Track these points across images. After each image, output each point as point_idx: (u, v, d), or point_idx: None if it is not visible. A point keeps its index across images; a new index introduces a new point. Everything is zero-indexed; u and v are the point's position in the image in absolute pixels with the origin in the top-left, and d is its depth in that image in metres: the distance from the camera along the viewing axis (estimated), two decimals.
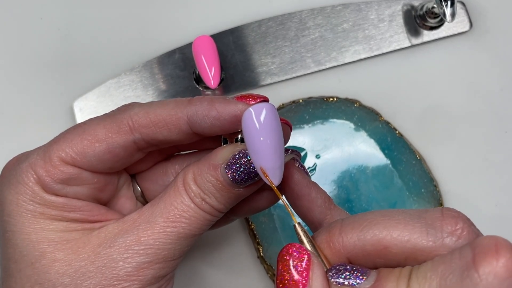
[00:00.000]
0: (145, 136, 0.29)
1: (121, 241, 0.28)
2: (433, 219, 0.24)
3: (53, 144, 0.30)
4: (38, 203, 0.29)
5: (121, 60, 0.46)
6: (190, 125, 0.29)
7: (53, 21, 0.46)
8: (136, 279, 0.28)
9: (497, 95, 0.46)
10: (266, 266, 0.41)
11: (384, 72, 0.46)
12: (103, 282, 0.28)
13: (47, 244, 0.29)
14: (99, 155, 0.29)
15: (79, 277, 0.28)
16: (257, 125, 0.26)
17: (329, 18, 0.46)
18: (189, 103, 0.29)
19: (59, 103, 0.45)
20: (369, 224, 0.24)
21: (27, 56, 0.46)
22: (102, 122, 0.30)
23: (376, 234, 0.24)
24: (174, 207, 0.29)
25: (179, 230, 0.29)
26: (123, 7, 0.47)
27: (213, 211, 0.29)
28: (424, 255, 0.23)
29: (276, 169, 0.27)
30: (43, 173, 0.29)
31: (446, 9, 0.42)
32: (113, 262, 0.28)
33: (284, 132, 0.30)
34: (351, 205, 0.41)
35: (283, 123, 0.30)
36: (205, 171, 0.29)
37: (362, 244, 0.24)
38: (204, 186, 0.29)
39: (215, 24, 0.46)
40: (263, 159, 0.27)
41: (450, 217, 0.24)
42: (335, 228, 0.25)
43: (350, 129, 0.43)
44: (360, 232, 0.24)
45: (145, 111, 0.29)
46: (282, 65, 0.46)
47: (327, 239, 0.25)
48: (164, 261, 0.29)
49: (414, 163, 0.43)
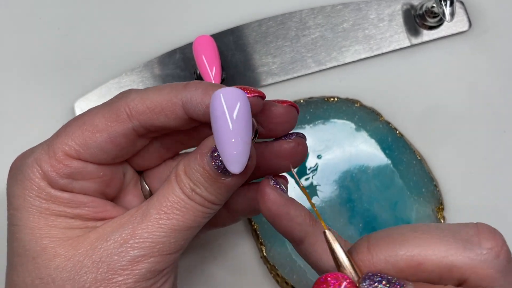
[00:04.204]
0: (143, 122, 0.29)
1: (117, 235, 0.28)
2: (470, 234, 0.23)
3: (56, 138, 0.30)
4: (43, 199, 0.29)
5: (122, 60, 0.46)
6: (185, 111, 0.28)
7: (53, 21, 0.46)
8: (131, 273, 0.28)
9: (497, 95, 0.46)
10: (269, 266, 0.41)
11: (384, 72, 0.46)
12: (99, 276, 0.28)
13: (49, 239, 0.29)
14: (101, 145, 0.29)
15: (77, 272, 0.28)
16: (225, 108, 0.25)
17: (329, 17, 0.46)
18: (183, 88, 0.29)
19: (60, 103, 0.45)
20: (400, 241, 0.24)
21: (27, 56, 0.46)
22: (100, 111, 0.30)
23: (409, 250, 0.23)
24: (166, 199, 0.29)
25: (173, 222, 0.28)
26: (123, 7, 0.47)
27: (205, 202, 0.29)
28: (460, 272, 0.23)
29: (236, 156, 0.25)
30: (49, 168, 0.29)
31: (445, 9, 0.42)
32: (109, 256, 0.28)
33: (291, 115, 0.30)
34: (352, 205, 0.42)
35: (289, 105, 0.30)
36: (193, 161, 0.28)
37: (394, 261, 0.23)
38: (193, 177, 0.28)
39: (216, 23, 0.46)
40: (222, 143, 0.25)
41: (487, 232, 0.23)
42: (363, 246, 0.24)
43: (351, 129, 0.44)
44: (392, 249, 0.24)
45: (141, 98, 0.29)
46: (283, 65, 0.46)
47: (356, 258, 0.24)
48: (159, 255, 0.28)
49: (415, 163, 0.43)
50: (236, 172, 0.26)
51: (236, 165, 0.26)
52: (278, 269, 0.41)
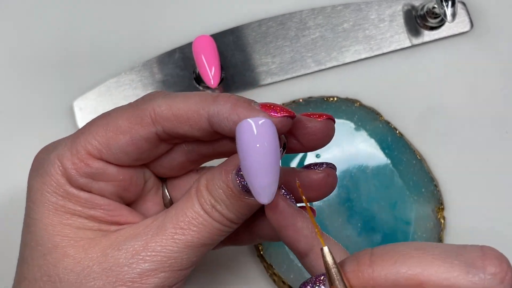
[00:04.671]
0: (167, 129, 0.29)
1: (129, 245, 0.28)
2: (474, 257, 0.23)
3: (80, 135, 0.29)
4: (60, 195, 0.29)
5: (121, 60, 0.46)
6: (211, 125, 0.28)
7: (53, 21, 0.46)
8: (139, 287, 0.28)
9: (498, 95, 0.46)
10: (265, 265, 0.41)
11: (384, 72, 0.46)
12: (107, 285, 0.28)
13: (61, 238, 0.29)
14: (123, 147, 0.29)
15: (84, 277, 0.28)
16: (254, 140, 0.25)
17: (330, 18, 0.46)
18: (213, 102, 0.28)
19: (59, 102, 0.45)
20: (403, 258, 0.23)
21: (27, 55, 0.46)
22: (125, 113, 0.29)
23: (411, 269, 0.23)
24: (184, 213, 0.28)
25: (187, 238, 0.28)
26: (123, 7, 0.47)
27: (224, 220, 0.28)
28: None
29: (265, 188, 0.25)
30: (70, 165, 0.29)
31: (446, 9, 0.42)
32: (119, 266, 0.28)
33: (330, 130, 0.29)
34: (351, 204, 0.41)
35: (327, 119, 0.29)
36: (217, 177, 0.28)
37: (395, 278, 0.23)
38: (215, 193, 0.28)
39: (215, 23, 0.46)
40: (249, 176, 0.25)
41: (493, 257, 0.23)
42: (365, 259, 0.24)
43: (351, 128, 0.43)
44: (393, 265, 0.23)
45: (168, 104, 0.28)
46: (283, 64, 0.46)
47: (355, 269, 0.24)
48: (170, 270, 0.28)
49: (415, 162, 0.43)
50: (266, 202, 0.25)
51: (265, 196, 0.25)
52: (275, 268, 0.40)
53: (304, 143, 0.29)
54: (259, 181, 0.25)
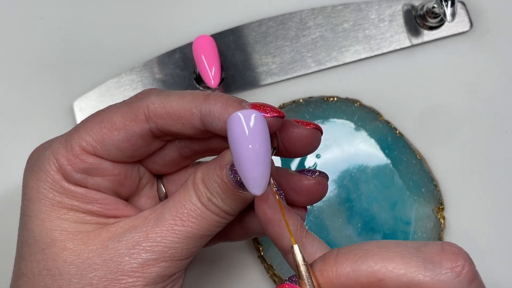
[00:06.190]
0: (160, 126, 0.29)
1: (129, 236, 0.28)
2: (432, 253, 0.23)
3: (74, 132, 0.30)
4: (57, 192, 0.29)
5: (121, 60, 0.46)
6: (203, 123, 0.28)
7: (53, 21, 0.46)
8: (141, 276, 0.28)
9: (498, 95, 0.46)
10: (266, 266, 0.41)
11: (384, 72, 0.46)
12: (108, 275, 0.28)
13: (59, 232, 0.29)
14: (117, 144, 0.29)
15: (85, 268, 0.28)
16: (246, 131, 0.25)
17: (330, 18, 0.46)
18: (204, 100, 0.28)
19: (59, 102, 0.45)
20: (364, 255, 0.24)
21: (27, 55, 0.46)
22: (119, 109, 0.30)
23: (371, 266, 0.23)
24: (183, 205, 0.29)
25: (187, 229, 0.28)
26: (123, 7, 0.47)
27: (220, 213, 0.29)
28: None
29: (258, 179, 0.26)
30: (65, 161, 0.29)
31: (446, 9, 0.42)
32: (120, 256, 0.28)
33: (315, 139, 0.29)
34: (351, 204, 0.41)
35: (313, 128, 0.30)
36: (212, 171, 0.28)
37: (356, 276, 0.23)
38: (211, 186, 0.28)
39: (216, 23, 0.46)
40: (241, 167, 0.25)
41: (450, 252, 0.23)
42: (331, 257, 0.24)
43: (351, 128, 0.43)
44: (355, 263, 0.24)
45: (161, 102, 0.29)
46: (283, 64, 0.46)
47: (321, 268, 0.24)
48: (170, 260, 0.28)
49: (415, 162, 0.43)
50: (258, 194, 0.26)
51: (257, 188, 0.26)
52: (275, 269, 0.40)
53: (287, 147, 0.30)
54: (251, 172, 0.25)
